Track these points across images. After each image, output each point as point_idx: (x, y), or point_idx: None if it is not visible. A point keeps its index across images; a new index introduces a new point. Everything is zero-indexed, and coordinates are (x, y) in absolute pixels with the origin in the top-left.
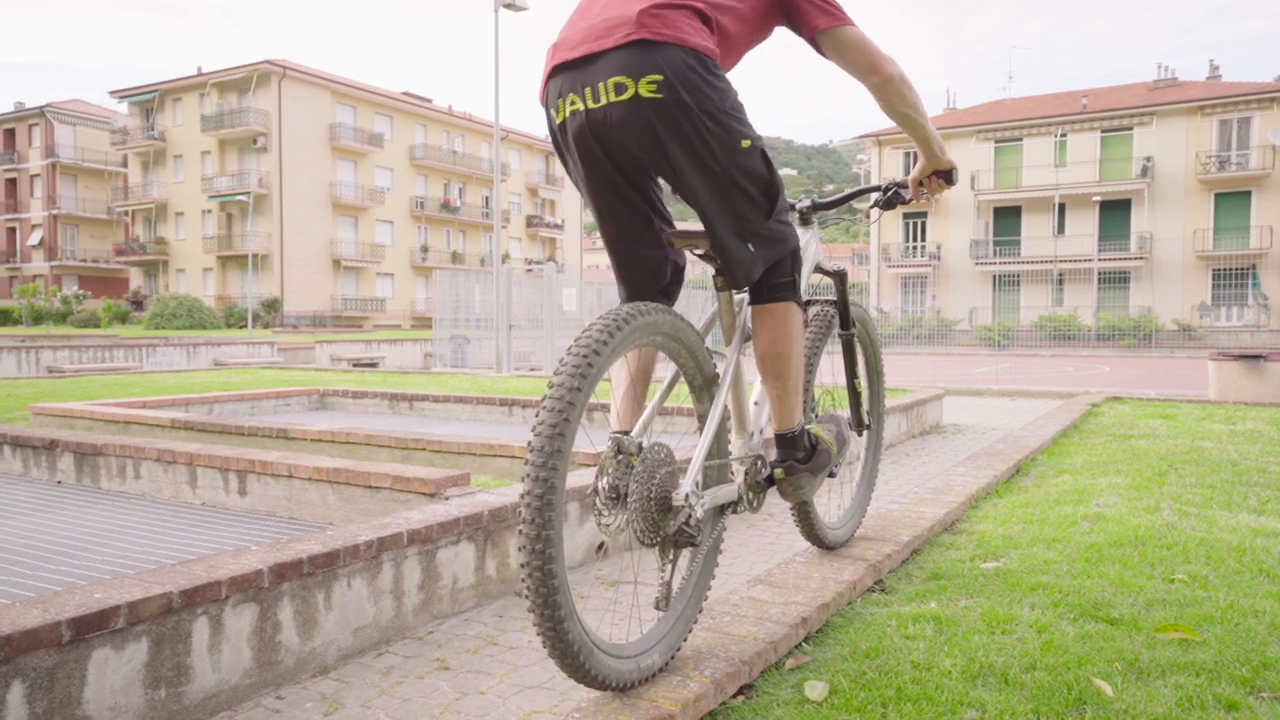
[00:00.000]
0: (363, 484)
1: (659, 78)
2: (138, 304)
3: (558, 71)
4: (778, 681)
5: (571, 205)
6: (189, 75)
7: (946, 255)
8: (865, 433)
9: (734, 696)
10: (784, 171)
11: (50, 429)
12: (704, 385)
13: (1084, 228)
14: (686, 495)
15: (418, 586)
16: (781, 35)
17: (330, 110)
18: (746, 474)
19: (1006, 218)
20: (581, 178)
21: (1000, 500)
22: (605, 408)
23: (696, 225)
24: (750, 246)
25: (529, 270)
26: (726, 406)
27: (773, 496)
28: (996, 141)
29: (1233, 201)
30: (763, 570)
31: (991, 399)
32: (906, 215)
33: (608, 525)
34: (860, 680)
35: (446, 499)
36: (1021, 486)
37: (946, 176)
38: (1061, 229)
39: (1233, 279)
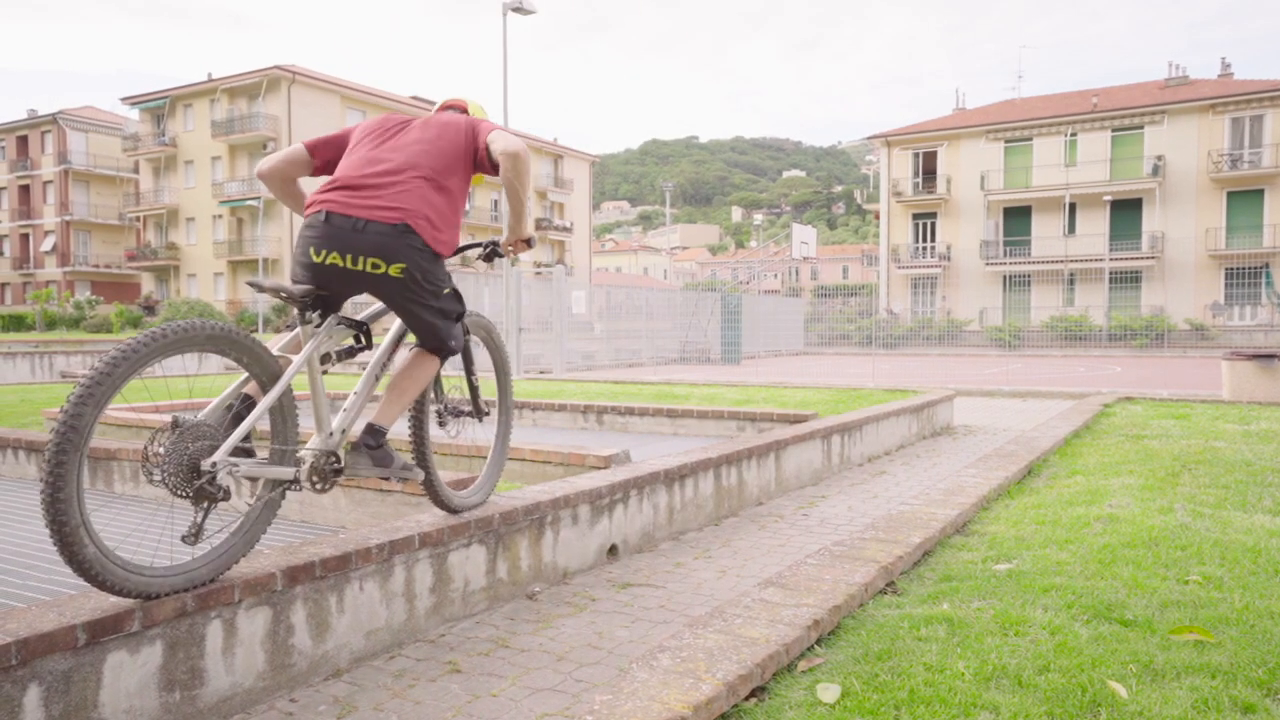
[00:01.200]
0: (374, 487)
1: (404, 265)
2: (149, 309)
3: (328, 217)
4: (790, 684)
5: (580, 208)
6: (199, 81)
7: (956, 256)
8: (487, 419)
9: (747, 699)
10: (793, 173)
11: None
12: (269, 380)
13: (1095, 227)
14: (214, 463)
15: (429, 589)
16: (790, 34)
17: (339, 115)
18: (314, 463)
19: (1017, 218)
20: (309, 282)
21: (1012, 501)
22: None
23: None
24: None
25: (538, 273)
26: (282, 402)
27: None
28: (1006, 141)
29: (1245, 200)
30: (774, 572)
31: (1003, 400)
32: (915, 216)
33: (155, 480)
34: (873, 682)
35: None
36: (1033, 488)
37: (528, 243)
38: (1072, 229)
39: (1246, 278)
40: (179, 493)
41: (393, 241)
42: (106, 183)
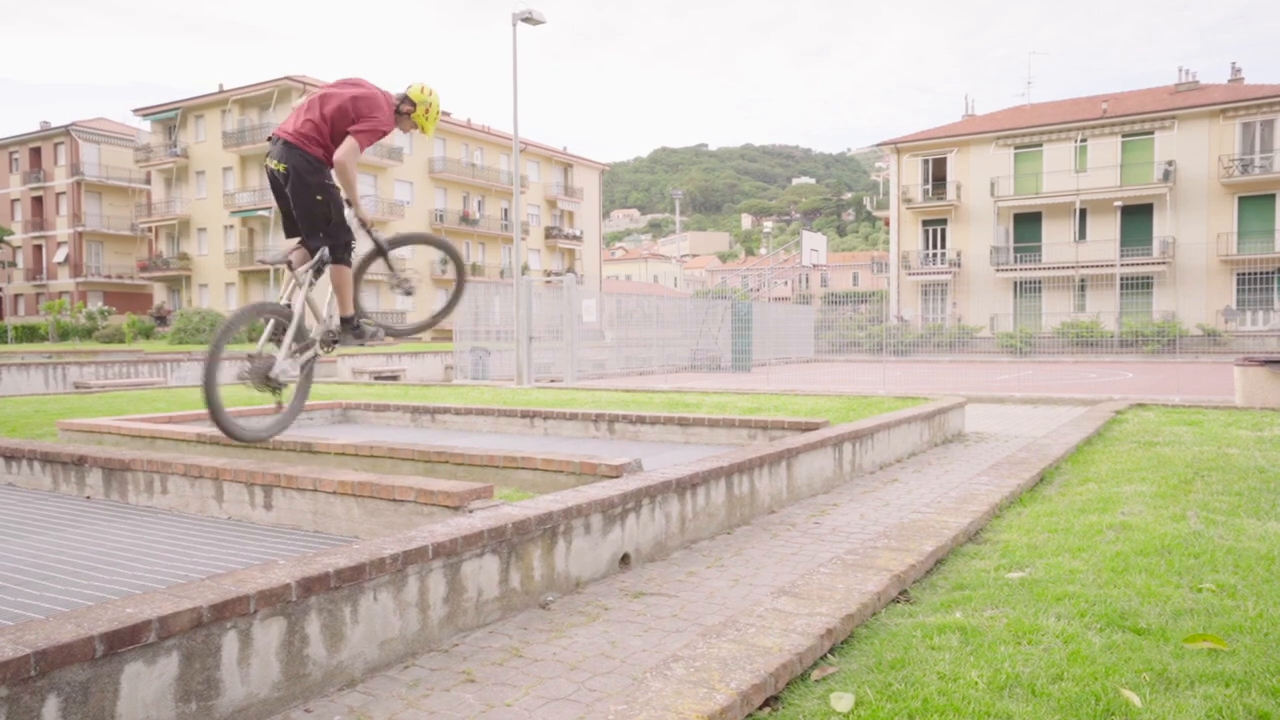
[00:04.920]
0: (387, 497)
1: (285, 166)
2: (161, 319)
3: (272, 139)
4: (804, 693)
5: (590, 217)
6: (211, 92)
7: (967, 262)
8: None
9: (760, 708)
10: (802, 180)
11: (79, 445)
12: (286, 319)
13: (1105, 233)
14: (281, 370)
15: (443, 599)
16: (799, 42)
17: None
18: (321, 340)
19: (1027, 224)
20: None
21: (1024, 509)
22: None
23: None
24: (323, 236)
25: (548, 282)
26: (298, 320)
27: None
28: (1016, 147)
29: (1257, 205)
30: (786, 581)
31: (1014, 406)
32: (925, 222)
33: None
34: (886, 691)
35: (470, 512)
36: (1046, 495)
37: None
38: (1083, 234)
39: (1258, 283)
40: (263, 390)
41: None
42: (118, 194)
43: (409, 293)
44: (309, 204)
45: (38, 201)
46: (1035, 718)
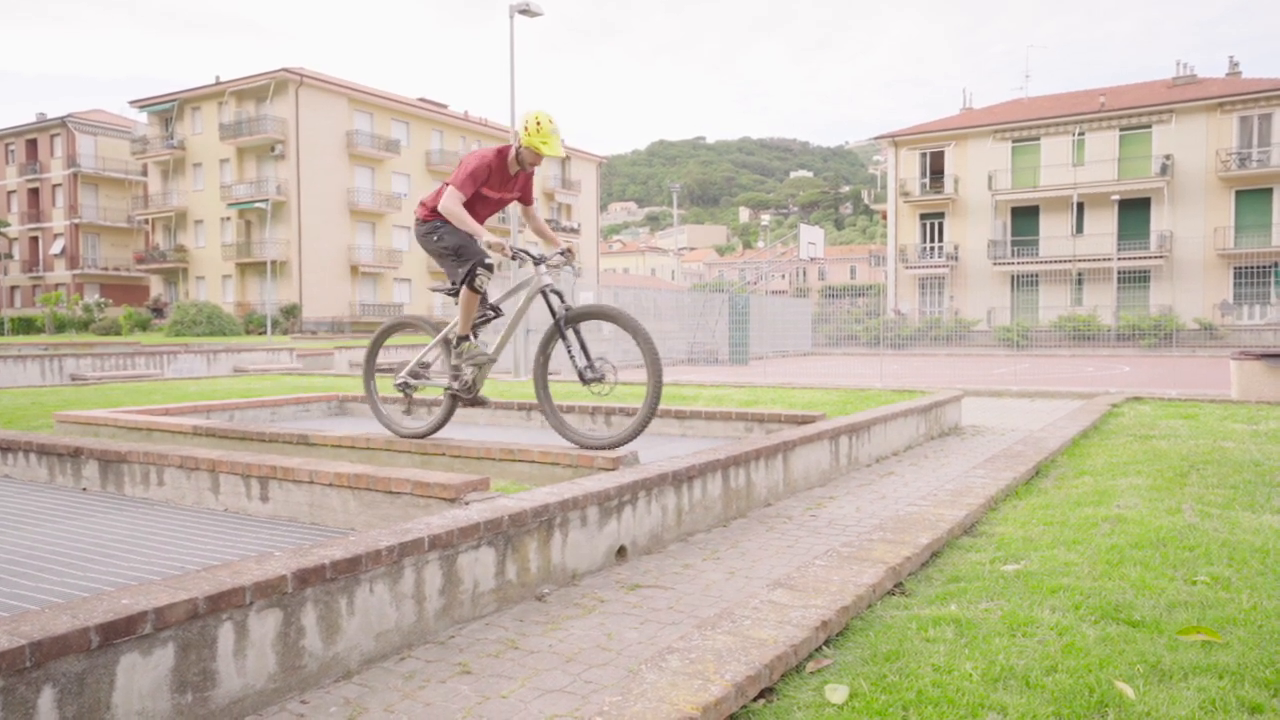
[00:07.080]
0: (383, 489)
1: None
2: (158, 311)
3: None
4: (798, 685)
5: (588, 209)
6: (207, 84)
7: (964, 256)
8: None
9: (755, 700)
10: (800, 173)
11: (75, 436)
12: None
13: (1103, 227)
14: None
15: (439, 591)
16: (799, 38)
17: (347, 117)
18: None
19: (1024, 217)
20: None
21: (1020, 502)
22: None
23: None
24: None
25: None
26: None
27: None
28: (1014, 141)
29: (1254, 199)
30: (782, 573)
31: (1010, 400)
32: (923, 216)
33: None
34: (881, 683)
35: (467, 504)
36: (1041, 488)
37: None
38: (1080, 228)
39: (1255, 277)
40: (406, 392)
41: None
42: (115, 186)
43: (599, 379)
44: (429, 249)
45: (34, 193)
46: (1029, 709)
